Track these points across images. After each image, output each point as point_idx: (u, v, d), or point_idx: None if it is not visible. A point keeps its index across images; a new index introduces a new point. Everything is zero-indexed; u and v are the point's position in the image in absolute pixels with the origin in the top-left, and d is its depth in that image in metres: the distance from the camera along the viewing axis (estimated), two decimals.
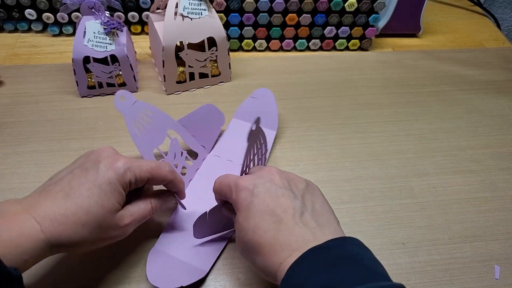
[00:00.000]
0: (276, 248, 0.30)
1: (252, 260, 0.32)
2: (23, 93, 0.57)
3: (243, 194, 0.33)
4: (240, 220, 0.32)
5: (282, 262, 0.29)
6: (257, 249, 0.31)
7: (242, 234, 0.32)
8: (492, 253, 0.43)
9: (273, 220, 0.31)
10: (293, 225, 0.31)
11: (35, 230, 0.30)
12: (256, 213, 0.32)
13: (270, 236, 0.30)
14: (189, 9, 0.53)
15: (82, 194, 0.32)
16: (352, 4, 0.63)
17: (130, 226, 0.35)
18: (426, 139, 0.55)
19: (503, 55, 0.70)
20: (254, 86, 0.61)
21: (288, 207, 0.32)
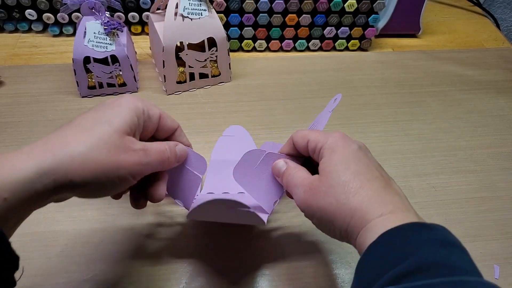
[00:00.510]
0: (378, 199, 0.28)
1: (340, 199, 0.28)
2: (24, 93, 0.57)
3: (344, 142, 0.31)
4: (337, 161, 0.30)
5: (384, 213, 0.27)
6: (354, 190, 0.28)
7: (337, 173, 0.29)
8: (491, 253, 0.43)
9: (375, 176, 0.29)
10: (394, 190, 0.29)
11: (18, 159, 0.24)
12: (358, 162, 0.30)
13: (374, 185, 0.28)
14: (189, 9, 0.53)
15: (85, 117, 0.28)
16: (352, 4, 0.63)
17: (146, 156, 0.29)
18: (425, 139, 0.55)
19: (503, 55, 0.70)
20: (254, 86, 0.61)
21: (387, 176, 0.31)
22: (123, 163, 0.28)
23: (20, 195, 0.23)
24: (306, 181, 0.31)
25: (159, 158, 0.31)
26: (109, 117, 0.28)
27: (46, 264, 0.39)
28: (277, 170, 0.35)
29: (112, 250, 0.41)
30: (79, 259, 0.40)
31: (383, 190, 0.29)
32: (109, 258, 0.40)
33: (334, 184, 0.29)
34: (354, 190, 0.28)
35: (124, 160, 0.28)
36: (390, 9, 0.69)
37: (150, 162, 0.30)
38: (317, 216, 0.30)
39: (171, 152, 0.32)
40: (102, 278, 0.39)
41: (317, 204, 0.30)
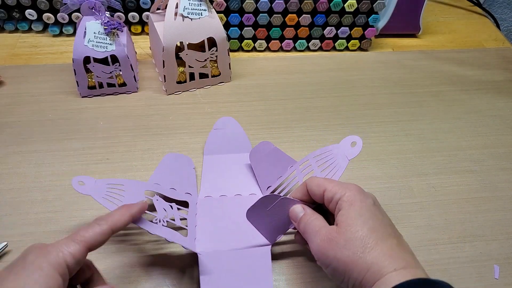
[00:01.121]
0: (392, 254, 0.30)
1: (357, 253, 0.30)
2: (24, 93, 0.57)
3: (361, 196, 0.33)
4: (355, 215, 0.32)
5: (397, 268, 0.29)
6: (371, 245, 0.30)
7: (356, 228, 0.31)
8: (491, 253, 0.43)
9: (389, 233, 0.31)
10: (405, 247, 0.32)
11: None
12: (374, 218, 0.32)
13: (389, 242, 0.31)
14: (189, 9, 0.53)
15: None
16: (352, 4, 0.63)
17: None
18: (425, 139, 0.55)
19: (503, 55, 0.70)
20: (254, 86, 0.61)
21: (398, 233, 0.33)
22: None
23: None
24: (323, 230, 0.33)
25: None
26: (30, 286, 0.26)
27: None
28: (295, 215, 0.36)
29: (112, 250, 0.41)
30: None
31: (396, 247, 0.31)
32: (109, 258, 0.40)
33: (352, 238, 0.31)
34: (371, 245, 0.30)
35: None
36: (390, 9, 0.69)
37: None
38: (333, 266, 0.31)
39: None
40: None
41: (334, 254, 0.31)
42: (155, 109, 0.56)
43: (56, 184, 0.46)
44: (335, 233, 0.32)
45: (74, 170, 0.48)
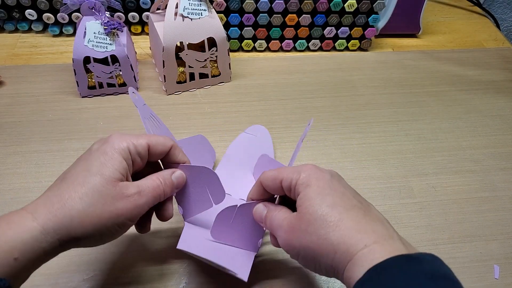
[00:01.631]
0: (360, 228, 0.27)
1: (321, 235, 0.28)
2: (24, 93, 0.57)
3: (317, 174, 0.30)
4: (313, 195, 0.29)
5: (368, 244, 0.26)
6: (334, 223, 0.27)
7: (314, 208, 0.28)
8: (491, 253, 0.43)
9: (353, 204, 0.29)
10: (375, 216, 0.29)
11: (25, 220, 0.26)
12: (334, 193, 0.29)
13: (353, 215, 0.28)
14: (189, 9, 0.53)
15: (77, 171, 0.29)
16: (352, 4, 0.63)
17: (140, 198, 0.30)
18: (425, 139, 0.55)
19: (503, 55, 0.70)
20: (254, 86, 0.61)
21: (364, 202, 0.30)
22: (120, 211, 0.29)
23: (29, 255, 0.26)
24: (286, 221, 0.31)
25: (155, 195, 0.32)
26: (98, 168, 0.29)
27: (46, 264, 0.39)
28: (259, 215, 0.34)
29: (112, 250, 0.41)
30: (79, 259, 0.40)
31: (363, 219, 0.28)
32: (109, 258, 0.40)
33: (312, 220, 0.28)
34: (334, 223, 0.27)
35: (121, 208, 0.29)
36: (390, 9, 0.69)
37: (146, 202, 0.31)
38: (302, 255, 0.29)
39: (166, 184, 0.33)
40: (102, 278, 0.39)
41: (299, 243, 0.29)
42: (155, 109, 0.56)
43: None
44: (296, 220, 0.30)
45: None
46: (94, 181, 0.28)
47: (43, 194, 0.29)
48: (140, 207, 0.31)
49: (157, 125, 0.40)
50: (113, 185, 0.29)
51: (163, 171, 0.34)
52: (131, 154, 0.31)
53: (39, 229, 0.26)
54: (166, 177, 0.33)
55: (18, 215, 0.27)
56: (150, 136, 0.33)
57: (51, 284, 0.38)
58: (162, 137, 0.34)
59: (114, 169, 0.29)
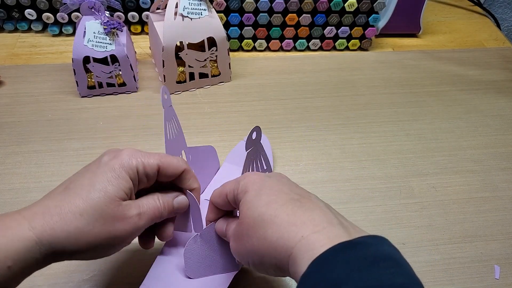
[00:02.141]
0: (296, 221, 0.26)
1: (260, 235, 0.27)
2: (23, 93, 0.57)
3: (254, 178, 0.30)
4: (249, 198, 0.29)
5: (305, 236, 0.25)
6: (270, 220, 0.27)
7: (251, 210, 0.28)
8: (492, 253, 0.43)
9: (290, 198, 0.28)
10: (313, 204, 0.28)
11: (21, 228, 0.25)
12: (269, 191, 0.29)
13: (288, 208, 0.27)
14: (189, 9, 0.53)
15: (81, 184, 0.28)
16: (352, 4, 0.63)
17: (140, 220, 0.30)
18: (426, 139, 0.55)
19: (503, 55, 0.70)
20: (254, 86, 0.61)
21: (305, 193, 0.29)
22: (119, 232, 0.29)
23: (22, 263, 0.25)
24: (233, 231, 0.31)
25: (152, 217, 0.31)
26: (104, 184, 0.28)
27: None
28: (220, 230, 0.33)
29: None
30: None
31: (299, 210, 0.27)
32: (109, 258, 0.40)
33: (251, 223, 0.28)
34: (270, 220, 0.27)
35: (119, 229, 0.29)
36: (390, 8, 0.68)
37: (144, 224, 0.31)
38: (250, 261, 0.29)
39: (165, 208, 0.32)
40: (102, 278, 0.39)
41: (244, 249, 0.29)
42: (155, 109, 0.56)
43: (56, 184, 0.46)
44: (238, 227, 0.29)
45: (73, 170, 0.47)
46: (97, 198, 0.28)
47: (43, 200, 0.28)
48: (138, 229, 0.30)
49: (176, 128, 0.40)
50: (115, 204, 0.28)
51: (167, 194, 0.33)
52: (138, 174, 0.30)
53: (35, 239, 0.25)
54: (168, 201, 0.33)
55: (15, 221, 0.26)
56: (163, 157, 0.32)
57: (51, 284, 0.38)
58: (176, 159, 0.32)
59: (119, 188, 0.29)
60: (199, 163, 0.45)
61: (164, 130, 0.37)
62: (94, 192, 0.28)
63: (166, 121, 0.38)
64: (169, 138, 0.39)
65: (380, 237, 0.26)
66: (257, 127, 0.37)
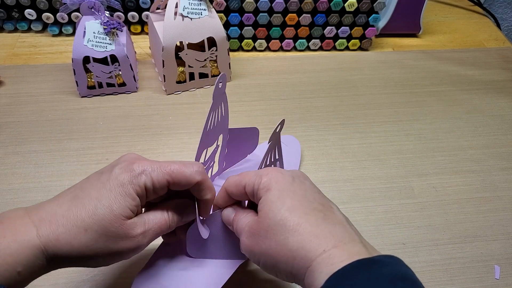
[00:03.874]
0: (318, 232, 0.26)
1: (279, 240, 0.27)
2: (23, 93, 0.57)
3: (278, 177, 0.29)
4: (272, 199, 0.28)
5: (326, 249, 0.25)
6: (292, 228, 0.27)
7: (273, 212, 0.28)
8: (492, 253, 0.43)
9: (313, 207, 0.28)
10: (336, 218, 0.28)
11: (30, 235, 0.26)
12: (293, 196, 0.28)
13: (312, 219, 0.27)
14: (189, 9, 0.53)
15: (90, 195, 0.28)
16: (352, 4, 0.63)
17: (144, 238, 0.30)
18: (426, 139, 0.55)
19: (503, 55, 0.70)
20: (254, 86, 0.61)
21: (326, 203, 0.29)
22: (121, 250, 0.29)
23: (31, 269, 0.26)
24: (247, 226, 0.30)
25: (159, 232, 0.31)
26: (110, 201, 0.28)
27: None
28: (227, 219, 0.33)
29: None
30: None
31: (322, 222, 0.27)
32: None
33: (271, 225, 0.28)
34: (292, 228, 0.27)
35: (122, 247, 0.29)
36: (390, 8, 0.68)
37: (148, 241, 0.31)
38: (262, 261, 0.29)
39: (173, 221, 0.32)
40: (102, 278, 0.39)
41: (259, 248, 0.28)
42: (155, 109, 0.56)
43: (56, 184, 0.46)
44: (256, 225, 0.29)
45: (73, 170, 0.48)
46: (102, 215, 0.28)
47: (52, 204, 0.28)
48: (142, 247, 0.30)
49: (222, 113, 0.39)
50: (119, 223, 0.28)
51: (175, 204, 0.32)
52: (146, 191, 0.30)
53: (42, 248, 0.26)
54: (175, 213, 0.32)
55: (24, 226, 0.27)
56: (175, 170, 0.30)
57: (51, 285, 0.38)
58: (190, 170, 0.31)
59: (125, 205, 0.28)
60: (236, 143, 0.44)
61: (206, 122, 0.36)
62: (100, 208, 0.28)
63: (212, 111, 0.37)
64: (208, 130, 0.37)
65: (396, 257, 0.26)
66: (283, 120, 0.37)
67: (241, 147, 0.46)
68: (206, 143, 0.38)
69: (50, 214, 0.27)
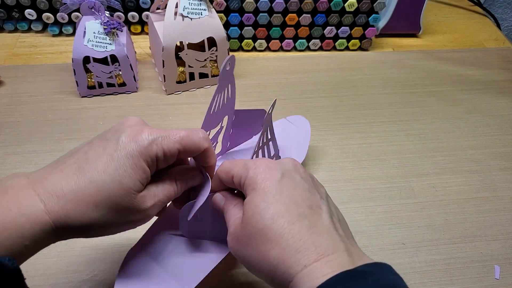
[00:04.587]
0: (300, 245, 0.25)
1: (261, 251, 0.26)
2: (23, 93, 0.57)
3: (265, 173, 0.28)
4: (257, 202, 0.27)
5: (307, 264, 0.24)
6: (274, 239, 0.26)
7: (256, 218, 0.27)
8: (492, 253, 0.43)
9: (299, 213, 0.27)
10: (322, 225, 0.26)
11: (38, 210, 0.25)
12: (279, 198, 0.27)
13: (295, 229, 0.26)
14: (189, 9, 0.53)
15: (97, 168, 0.27)
16: (352, 4, 0.63)
17: (153, 209, 0.29)
18: (426, 139, 0.55)
19: (503, 55, 0.70)
20: (254, 86, 0.61)
21: (315, 204, 0.28)
22: (131, 221, 0.29)
23: (38, 242, 0.26)
24: (234, 224, 0.29)
25: (166, 202, 0.31)
26: (120, 174, 0.27)
27: (46, 264, 0.39)
28: (217, 205, 0.32)
29: (112, 250, 0.41)
30: (79, 259, 0.40)
31: (306, 232, 0.26)
32: (109, 258, 0.40)
33: (254, 232, 0.26)
34: (274, 240, 0.26)
35: (133, 220, 0.29)
36: (390, 8, 0.68)
37: (156, 211, 0.30)
38: (245, 265, 0.28)
39: (181, 189, 0.31)
40: (102, 278, 0.39)
41: (242, 254, 0.28)
42: (155, 109, 0.56)
43: None
44: (240, 229, 0.28)
45: None
46: (112, 189, 0.27)
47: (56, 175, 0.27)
48: (151, 217, 0.30)
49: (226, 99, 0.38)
50: (130, 197, 0.27)
51: (183, 172, 0.32)
52: (157, 161, 0.29)
53: (51, 224, 0.26)
54: (184, 180, 0.31)
55: (29, 198, 0.26)
56: (185, 136, 0.29)
57: (51, 285, 0.38)
58: (198, 137, 0.30)
59: (136, 179, 0.27)
60: (242, 124, 0.44)
61: (210, 103, 0.35)
62: (110, 182, 0.27)
63: (218, 93, 0.36)
64: (211, 112, 0.37)
65: (384, 264, 0.25)
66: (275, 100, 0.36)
67: (247, 128, 0.45)
68: (210, 125, 0.38)
69: (57, 188, 0.26)
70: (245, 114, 0.43)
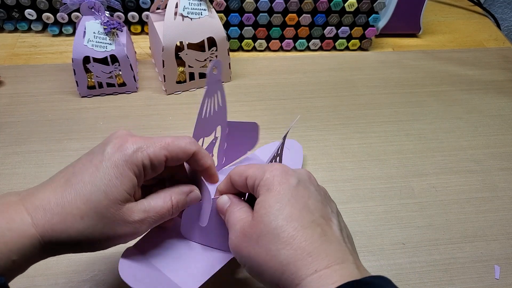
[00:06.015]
0: (312, 250, 0.25)
1: (270, 250, 0.26)
2: (23, 93, 0.57)
3: (282, 177, 0.28)
4: (271, 202, 0.27)
5: (318, 270, 0.24)
6: (286, 240, 0.25)
7: (269, 218, 0.26)
8: (492, 253, 0.43)
9: (312, 220, 0.26)
10: (333, 236, 0.27)
11: (25, 224, 0.25)
12: (294, 203, 0.27)
13: (308, 234, 0.26)
14: (189, 9, 0.53)
15: (83, 180, 0.27)
16: (352, 4, 0.63)
17: (143, 225, 0.29)
18: (426, 139, 0.55)
19: (503, 55, 0.70)
20: (254, 86, 0.61)
21: (327, 216, 0.28)
22: (118, 235, 0.28)
23: (27, 257, 0.26)
24: (240, 223, 0.28)
25: (159, 219, 0.30)
26: (105, 185, 0.27)
27: (46, 264, 0.39)
28: (221, 206, 0.31)
29: (112, 250, 0.41)
30: (78, 259, 0.40)
31: (318, 239, 0.26)
32: (109, 258, 0.40)
33: (265, 231, 0.26)
34: (286, 240, 0.25)
35: (119, 233, 0.28)
36: (390, 8, 0.68)
37: (147, 228, 0.30)
38: (248, 265, 0.28)
39: (177, 207, 0.31)
40: (102, 278, 0.39)
41: (247, 252, 0.27)
42: (155, 109, 0.56)
43: None
44: (249, 227, 0.27)
45: None
46: (98, 200, 0.27)
47: (45, 189, 0.27)
48: (140, 233, 0.29)
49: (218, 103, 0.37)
50: (117, 208, 0.27)
51: (179, 190, 0.31)
52: (144, 169, 0.29)
53: (38, 237, 0.26)
54: (180, 199, 0.31)
55: (18, 213, 0.26)
56: (170, 143, 0.29)
57: (51, 285, 0.38)
58: (184, 141, 0.30)
59: (121, 189, 0.27)
60: (235, 138, 0.43)
61: (200, 108, 0.35)
62: (95, 192, 0.27)
63: (207, 98, 0.36)
64: (203, 116, 0.36)
65: (385, 278, 0.25)
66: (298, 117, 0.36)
67: (241, 142, 0.45)
68: (202, 131, 0.38)
69: (44, 201, 0.26)
70: (237, 126, 0.43)
